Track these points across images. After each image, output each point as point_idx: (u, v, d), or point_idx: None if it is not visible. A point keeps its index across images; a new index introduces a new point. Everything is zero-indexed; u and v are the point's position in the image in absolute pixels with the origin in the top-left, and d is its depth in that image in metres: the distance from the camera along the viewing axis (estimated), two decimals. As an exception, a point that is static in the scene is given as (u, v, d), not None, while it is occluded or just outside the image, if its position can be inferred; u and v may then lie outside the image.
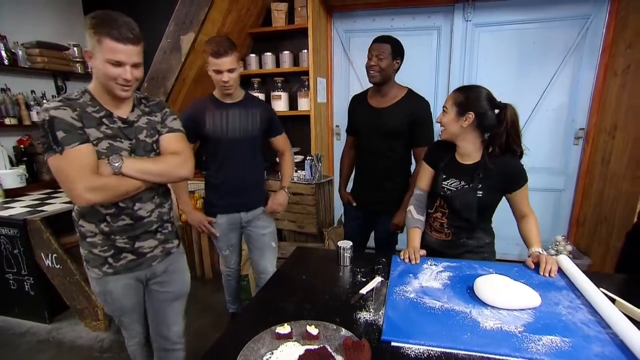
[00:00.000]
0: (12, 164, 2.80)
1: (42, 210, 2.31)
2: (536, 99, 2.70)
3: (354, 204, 1.96)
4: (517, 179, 1.30)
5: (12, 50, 2.82)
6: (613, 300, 1.00)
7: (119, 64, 1.04)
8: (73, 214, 1.23)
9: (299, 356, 0.81)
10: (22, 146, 2.89)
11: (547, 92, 2.67)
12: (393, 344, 0.88)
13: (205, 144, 1.74)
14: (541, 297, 1.02)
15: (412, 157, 1.86)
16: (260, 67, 3.03)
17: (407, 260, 1.30)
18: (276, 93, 2.99)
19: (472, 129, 1.29)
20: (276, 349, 0.86)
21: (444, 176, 1.39)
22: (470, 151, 1.33)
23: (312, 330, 0.90)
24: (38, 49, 2.92)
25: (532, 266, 1.22)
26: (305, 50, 2.81)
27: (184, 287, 1.43)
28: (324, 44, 2.96)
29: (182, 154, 1.24)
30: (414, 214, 1.45)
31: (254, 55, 3.02)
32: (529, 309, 0.98)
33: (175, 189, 1.73)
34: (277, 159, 2.00)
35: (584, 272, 1.16)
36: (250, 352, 0.85)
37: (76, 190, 1.02)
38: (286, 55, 2.95)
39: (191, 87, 2.72)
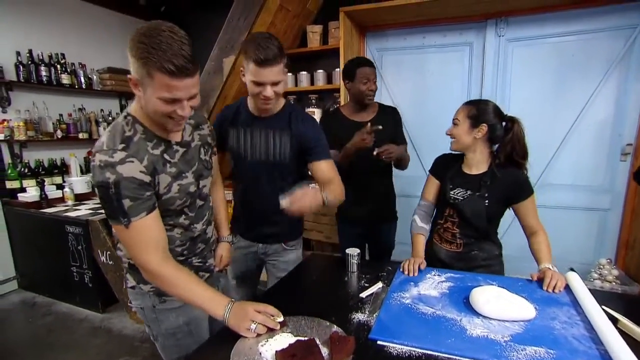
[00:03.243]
0: (82, 172, 3.25)
1: (101, 213, 2.66)
2: (576, 114, 2.57)
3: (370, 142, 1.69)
4: (520, 189, 1.34)
5: (89, 76, 3.31)
6: (616, 320, 0.97)
7: (174, 101, 0.88)
8: (133, 262, 1.05)
9: (289, 344, 0.91)
10: (90, 157, 3.34)
11: (589, 106, 2.54)
12: (379, 342, 0.94)
13: (231, 158, 1.50)
14: (538, 311, 1.02)
15: None
16: (296, 85, 3.23)
17: (406, 273, 1.33)
18: (310, 109, 3.15)
19: (483, 140, 1.36)
20: (272, 338, 0.96)
21: (451, 186, 1.43)
22: (478, 162, 1.39)
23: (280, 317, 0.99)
24: (108, 73, 3.41)
25: (534, 278, 1.20)
26: (338, 69, 2.95)
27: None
28: (356, 63, 3.08)
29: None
30: (419, 222, 1.49)
31: (290, 74, 3.23)
32: (522, 320, 0.98)
33: None
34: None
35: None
36: (248, 338, 0.96)
37: (140, 263, 0.96)
38: (320, 74, 3.13)
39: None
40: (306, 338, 0.94)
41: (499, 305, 1.01)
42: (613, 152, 2.54)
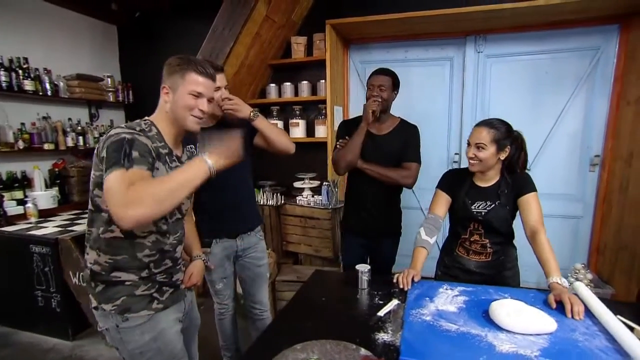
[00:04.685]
0: (47, 186, 2.98)
1: (72, 230, 2.44)
2: (549, 127, 2.74)
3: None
4: (526, 183, 1.44)
5: (55, 82, 3.07)
6: (632, 329, 1.01)
7: (199, 95, 1.11)
8: (96, 268, 1.08)
9: (320, 373, 0.86)
10: (56, 169, 3.08)
11: (561, 119, 2.71)
12: (410, 364, 0.91)
13: None
14: (557, 323, 1.04)
15: None
16: (280, 95, 3.19)
17: (401, 286, 1.34)
18: (294, 120, 3.12)
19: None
20: (298, 366, 0.91)
21: (470, 201, 1.48)
22: (491, 175, 1.47)
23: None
24: (77, 80, 3.17)
25: (554, 305, 1.15)
26: (323, 80, 2.95)
27: (199, 319, 1.41)
28: (340, 74, 3.10)
29: None
30: (423, 235, 1.49)
31: (273, 85, 3.18)
32: (545, 334, 1.00)
33: None
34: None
35: (606, 301, 1.16)
36: (273, 368, 0.90)
37: (118, 204, 0.88)
38: (304, 85, 3.11)
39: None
40: (336, 364, 0.89)
41: (521, 319, 1.02)
42: (583, 163, 2.72)
